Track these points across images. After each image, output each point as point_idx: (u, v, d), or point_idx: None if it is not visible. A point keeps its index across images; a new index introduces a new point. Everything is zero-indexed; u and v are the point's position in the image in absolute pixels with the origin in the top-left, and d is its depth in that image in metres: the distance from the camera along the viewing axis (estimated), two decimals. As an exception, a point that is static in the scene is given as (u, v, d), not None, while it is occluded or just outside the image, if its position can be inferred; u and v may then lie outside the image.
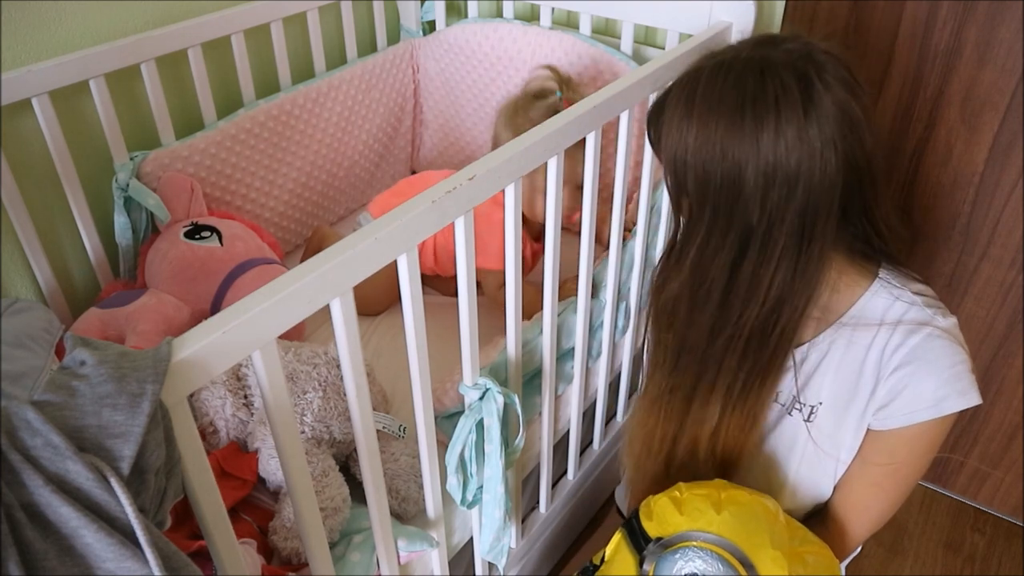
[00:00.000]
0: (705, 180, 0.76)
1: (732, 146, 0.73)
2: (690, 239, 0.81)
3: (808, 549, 0.78)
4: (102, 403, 0.50)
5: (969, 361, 0.79)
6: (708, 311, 0.81)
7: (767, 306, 0.78)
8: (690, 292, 0.82)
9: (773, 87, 0.72)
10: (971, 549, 1.54)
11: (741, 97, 0.73)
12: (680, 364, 0.87)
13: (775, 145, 0.72)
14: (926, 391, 0.79)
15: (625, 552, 0.82)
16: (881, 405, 0.82)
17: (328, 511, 0.93)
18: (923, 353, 0.79)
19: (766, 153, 0.72)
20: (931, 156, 1.36)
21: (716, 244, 0.78)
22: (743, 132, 0.72)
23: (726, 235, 0.77)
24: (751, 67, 0.74)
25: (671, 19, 1.37)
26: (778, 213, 0.74)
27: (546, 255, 1.01)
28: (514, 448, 1.01)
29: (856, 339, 0.83)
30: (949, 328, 0.80)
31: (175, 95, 1.39)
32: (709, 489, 0.82)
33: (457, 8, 1.83)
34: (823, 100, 0.72)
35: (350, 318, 0.71)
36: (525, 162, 0.87)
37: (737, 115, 0.73)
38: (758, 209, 0.74)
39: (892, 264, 0.85)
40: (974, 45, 1.24)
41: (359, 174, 1.71)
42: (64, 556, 0.48)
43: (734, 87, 0.73)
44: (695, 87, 0.76)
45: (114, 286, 1.31)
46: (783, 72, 0.72)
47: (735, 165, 0.74)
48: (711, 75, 0.75)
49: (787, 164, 0.72)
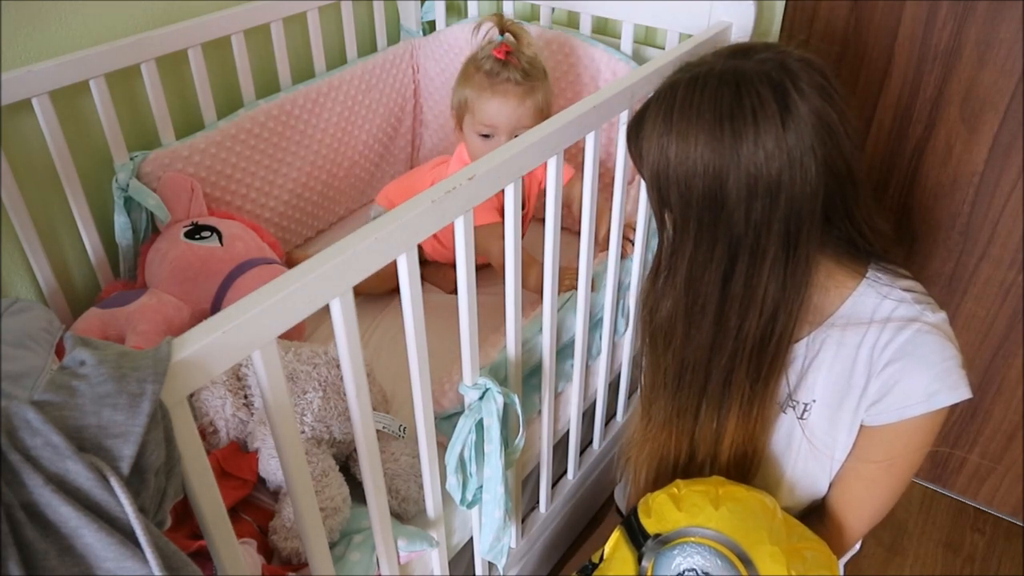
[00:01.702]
0: (688, 194, 0.76)
1: (712, 159, 0.74)
2: (678, 255, 0.81)
3: (806, 545, 0.78)
4: (102, 403, 0.50)
5: (959, 356, 0.80)
6: (705, 327, 0.82)
7: (764, 316, 0.79)
8: (685, 310, 0.83)
9: (749, 99, 0.73)
10: (971, 549, 1.54)
11: (718, 110, 0.73)
12: (683, 384, 0.88)
13: (755, 156, 0.72)
14: (917, 386, 0.79)
15: (624, 549, 0.82)
16: (873, 401, 0.82)
17: (328, 511, 0.93)
18: (913, 348, 0.79)
19: (747, 164, 0.73)
20: (931, 156, 1.36)
21: (704, 258, 0.79)
22: (722, 145, 0.73)
23: (713, 249, 0.78)
24: (726, 80, 0.74)
25: (671, 19, 1.37)
26: (763, 223, 0.75)
27: (546, 255, 1.01)
28: (514, 448, 1.01)
29: (847, 338, 0.84)
30: (938, 323, 0.81)
31: (175, 95, 1.39)
32: (707, 486, 0.82)
33: (457, 8, 1.84)
34: (799, 109, 0.72)
35: (350, 318, 0.71)
36: (525, 162, 0.87)
37: (716, 128, 0.73)
38: (743, 220, 0.75)
39: (880, 263, 0.86)
40: (974, 45, 1.24)
41: (359, 174, 1.71)
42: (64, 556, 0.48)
43: (711, 101, 0.74)
44: (672, 102, 0.76)
45: (114, 286, 1.31)
46: (758, 83, 0.73)
47: (716, 178, 0.74)
48: (687, 89, 0.76)
49: (768, 174, 0.73)
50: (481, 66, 1.32)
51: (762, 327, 0.80)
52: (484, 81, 1.31)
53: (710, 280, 0.79)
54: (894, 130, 1.37)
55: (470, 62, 1.37)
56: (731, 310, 0.80)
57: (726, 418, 0.87)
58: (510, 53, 1.32)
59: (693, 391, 0.87)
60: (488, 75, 1.31)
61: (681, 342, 0.85)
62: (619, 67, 1.50)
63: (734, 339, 0.81)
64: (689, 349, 0.85)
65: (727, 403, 0.86)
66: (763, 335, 0.80)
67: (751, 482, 0.92)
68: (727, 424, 0.88)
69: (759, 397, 0.85)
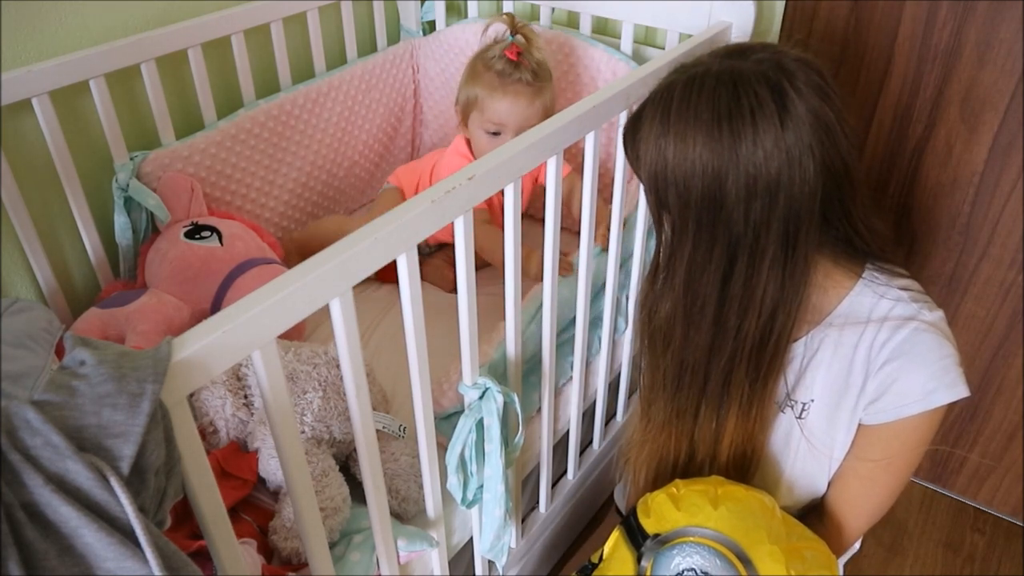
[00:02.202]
0: (686, 195, 0.76)
1: (711, 159, 0.74)
2: (676, 257, 0.81)
3: (806, 545, 0.78)
4: (102, 403, 0.50)
5: (957, 354, 0.80)
6: (704, 328, 0.82)
7: (763, 316, 0.79)
8: (684, 312, 0.83)
9: (747, 99, 0.73)
10: (971, 549, 1.54)
11: (716, 111, 0.73)
12: (682, 385, 0.88)
13: (753, 155, 0.72)
14: (915, 385, 0.79)
15: (623, 550, 0.82)
16: (871, 400, 0.83)
17: (328, 511, 0.93)
18: (911, 347, 0.79)
19: (745, 164, 0.73)
20: (931, 156, 1.36)
21: (703, 259, 0.79)
22: (721, 145, 0.73)
23: (712, 249, 0.78)
24: (723, 80, 0.74)
25: (671, 19, 1.37)
26: (763, 222, 0.75)
27: (546, 255, 1.01)
28: (514, 447, 1.01)
29: (845, 337, 0.84)
30: (936, 322, 0.81)
31: (175, 95, 1.39)
32: (706, 485, 0.82)
33: (457, 8, 1.83)
34: (797, 108, 0.72)
35: (350, 318, 0.71)
36: (525, 162, 0.87)
37: (714, 129, 0.73)
38: (742, 220, 0.75)
39: (877, 263, 0.86)
40: (974, 45, 1.24)
41: (359, 174, 1.71)
42: (64, 556, 0.48)
43: (708, 101, 0.74)
44: (669, 103, 0.76)
45: (114, 286, 1.31)
46: (755, 83, 0.73)
47: (715, 178, 0.74)
48: (684, 90, 0.76)
49: (767, 173, 0.73)
50: (492, 65, 1.35)
51: (761, 327, 0.80)
52: (495, 80, 1.34)
53: (709, 281, 0.79)
54: (894, 130, 1.37)
55: (478, 60, 1.38)
56: (730, 310, 0.80)
57: (725, 418, 0.87)
58: (521, 54, 1.34)
59: (692, 392, 0.88)
60: (500, 75, 1.33)
61: (680, 343, 0.85)
62: (619, 67, 1.50)
63: (733, 339, 0.81)
64: (688, 350, 0.85)
65: (726, 403, 0.86)
66: (762, 335, 0.80)
67: (750, 481, 0.92)
68: (726, 424, 0.88)
69: (758, 397, 0.86)
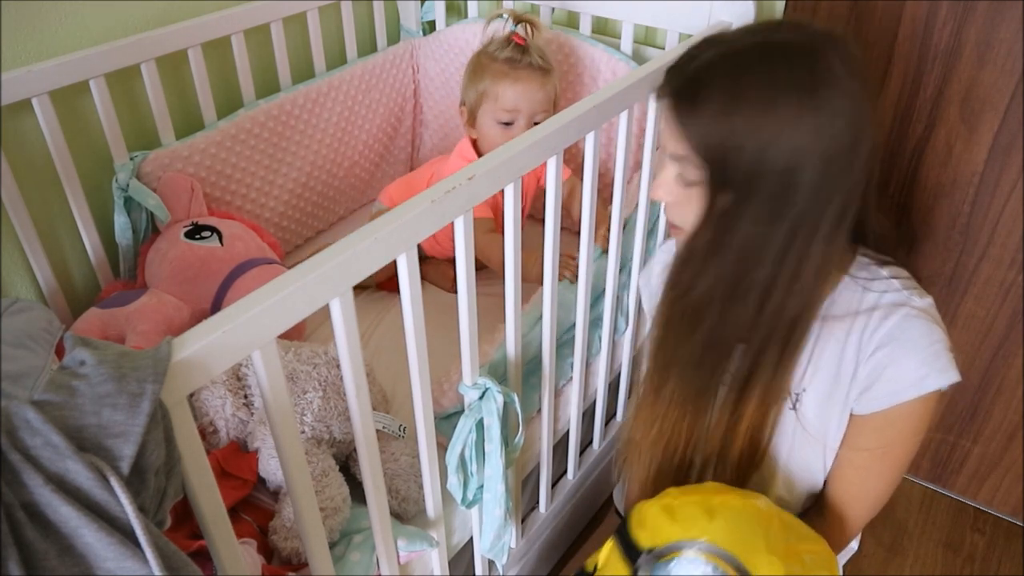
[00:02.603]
0: (759, 167, 0.72)
1: (794, 131, 0.71)
2: (731, 233, 0.77)
3: (806, 547, 0.77)
4: (102, 403, 0.50)
5: (947, 340, 0.80)
6: (749, 306, 0.78)
7: (805, 294, 0.78)
8: (728, 289, 0.79)
9: (824, 69, 0.71)
10: (971, 549, 1.54)
11: (797, 81, 0.71)
12: (704, 364, 0.85)
13: (831, 127, 0.71)
14: (907, 370, 0.79)
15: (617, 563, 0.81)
16: (863, 388, 0.82)
17: (328, 511, 0.93)
18: (901, 333, 0.79)
19: (826, 135, 0.71)
20: (931, 156, 1.36)
21: (763, 234, 0.75)
22: (802, 116, 0.70)
23: (773, 223, 0.74)
24: (794, 51, 0.72)
25: (671, 19, 1.37)
26: (827, 198, 0.73)
27: (546, 256, 1.01)
28: (514, 447, 1.01)
29: (836, 325, 0.83)
30: (926, 308, 0.80)
31: (175, 95, 1.39)
32: (701, 495, 0.80)
33: (457, 8, 1.84)
34: (864, 84, 0.72)
35: (350, 318, 0.71)
36: (525, 162, 0.87)
37: (794, 98, 0.70)
38: (813, 194, 0.73)
39: (867, 251, 0.86)
40: (974, 45, 1.24)
41: (359, 174, 1.71)
42: (64, 556, 0.48)
43: (785, 71, 0.71)
44: (739, 71, 0.73)
45: (114, 286, 1.31)
46: (830, 55, 0.71)
47: (796, 150, 0.71)
48: (759, 57, 0.73)
49: (843, 144, 0.72)
50: (497, 56, 1.36)
51: (800, 307, 0.79)
52: (504, 68, 1.34)
53: (766, 257, 0.76)
54: (894, 130, 1.37)
55: (482, 55, 1.39)
56: (776, 289, 0.77)
57: (748, 401, 0.85)
58: (527, 40, 1.36)
59: (716, 373, 0.85)
60: (508, 62, 1.34)
61: (715, 321, 0.81)
62: (619, 67, 1.50)
63: (773, 316, 0.78)
64: (722, 328, 0.81)
65: (750, 384, 0.84)
66: (799, 314, 0.79)
67: (756, 471, 0.91)
68: (747, 407, 0.86)
69: (779, 379, 0.84)
